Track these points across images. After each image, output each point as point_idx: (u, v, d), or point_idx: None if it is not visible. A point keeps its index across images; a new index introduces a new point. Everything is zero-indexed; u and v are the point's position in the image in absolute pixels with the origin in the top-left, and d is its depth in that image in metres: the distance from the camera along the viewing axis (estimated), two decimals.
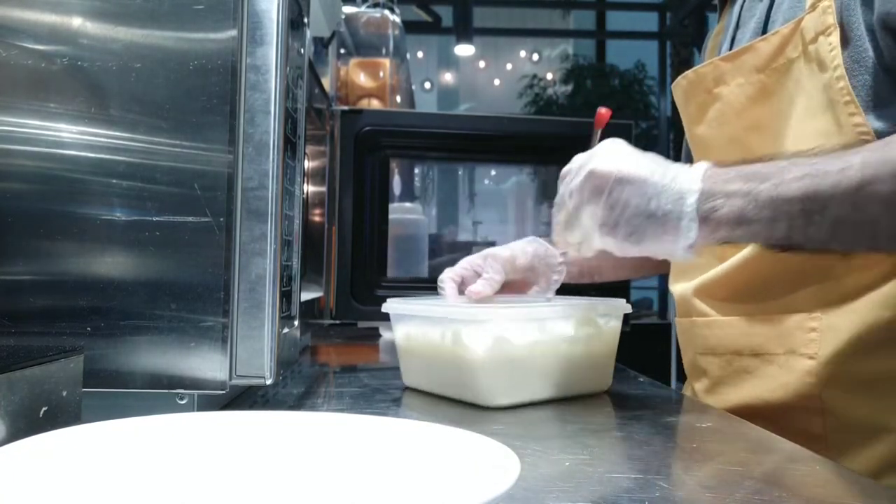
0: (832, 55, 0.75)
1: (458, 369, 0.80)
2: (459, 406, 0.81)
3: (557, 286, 0.94)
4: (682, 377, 1.00)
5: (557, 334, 0.82)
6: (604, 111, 0.91)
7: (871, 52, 0.74)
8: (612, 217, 0.70)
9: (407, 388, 0.89)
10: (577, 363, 0.83)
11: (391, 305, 0.90)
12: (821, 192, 0.63)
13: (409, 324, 0.88)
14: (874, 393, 0.76)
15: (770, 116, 0.83)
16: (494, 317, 0.79)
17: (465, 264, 0.95)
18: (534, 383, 0.81)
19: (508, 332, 0.79)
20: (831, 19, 0.75)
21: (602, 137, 0.86)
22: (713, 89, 0.89)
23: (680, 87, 0.95)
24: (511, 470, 0.42)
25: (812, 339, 0.79)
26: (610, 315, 0.87)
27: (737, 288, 0.86)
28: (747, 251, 0.83)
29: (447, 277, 0.94)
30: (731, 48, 0.91)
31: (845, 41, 0.75)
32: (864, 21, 0.74)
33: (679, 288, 0.95)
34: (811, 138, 0.77)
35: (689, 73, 0.94)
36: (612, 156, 0.73)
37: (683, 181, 0.69)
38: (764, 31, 0.85)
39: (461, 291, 0.93)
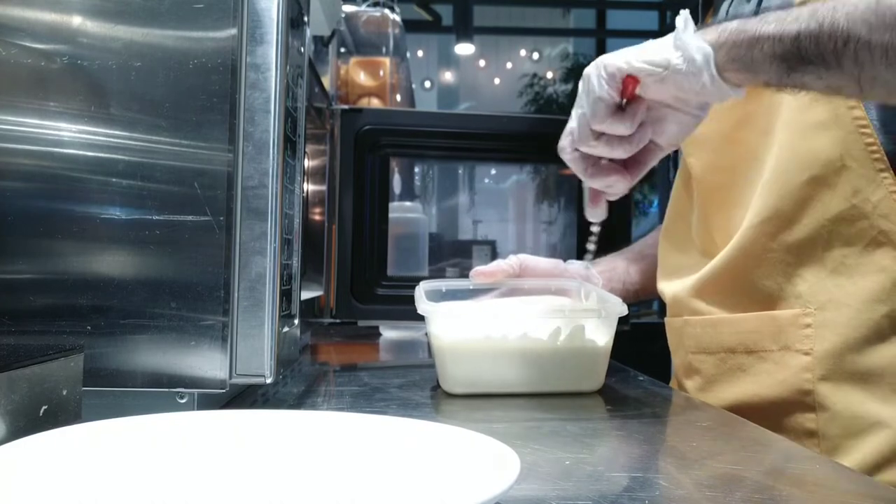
0: None
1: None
2: (459, 405, 0.81)
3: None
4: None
5: (537, 331, 0.84)
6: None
7: None
8: (627, 51, 0.72)
9: (413, 389, 0.89)
10: (559, 361, 0.84)
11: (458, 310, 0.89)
12: (828, 4, 0.63)
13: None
14: (869, 387, 0.77)
15: (760, 111, 0.84)
16: (470, 310, 0.86)
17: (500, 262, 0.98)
18: (508, 377, 0.83)
19: (484, 325, 0.83)
20: None
21: None
22: None
23: None
24: (511, 469, 0.42)
25: (807, 334, 0.79)
26: (599, 314, 0.86)
27: (731, 285, 0.86)
28: (738, 247, 0.83)
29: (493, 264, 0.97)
30: None
31: None
32: None
33: (672, 288, 0.95)
34: (806, 130, 0.78)
35: None
36: None
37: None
38: None
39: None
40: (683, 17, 0.70)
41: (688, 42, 0.68)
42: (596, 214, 0.83)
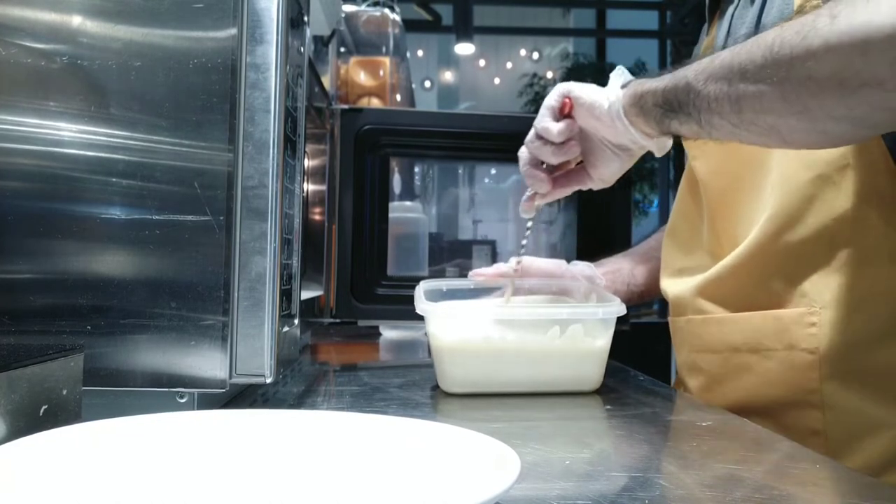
0: None
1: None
2: (459, 405, 0.81)
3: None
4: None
5: (537, 331, 0.84)
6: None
7: None
8: (582, 84, 0.88)
9: (413, 388, 0.89)
10: (558, 361, 0.84)
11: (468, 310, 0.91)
12: (690, 65, 0.74)
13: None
14: (875, 387, 0.77)
15: None
16: (469, 312, 0.88)
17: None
18: (507, 377, 0.84)
19: (481, 327, 0.84)
20: None
21: None
22: None
23: None
24: (511, 469, 0.42)
25: (812, 333, 0.79)
26: (597, 314, 0.86)
27: (737, 285, 0.86)
28: (745, 247, 0.83)
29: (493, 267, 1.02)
30: None
31: None
32: None
33: (676, 288, 0.95)
34: None
35: None
36: None
37: None
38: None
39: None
40: (615, 73, 0.86)
41: (610, 92, 0.84)
42: (527, 213, 0.96)
